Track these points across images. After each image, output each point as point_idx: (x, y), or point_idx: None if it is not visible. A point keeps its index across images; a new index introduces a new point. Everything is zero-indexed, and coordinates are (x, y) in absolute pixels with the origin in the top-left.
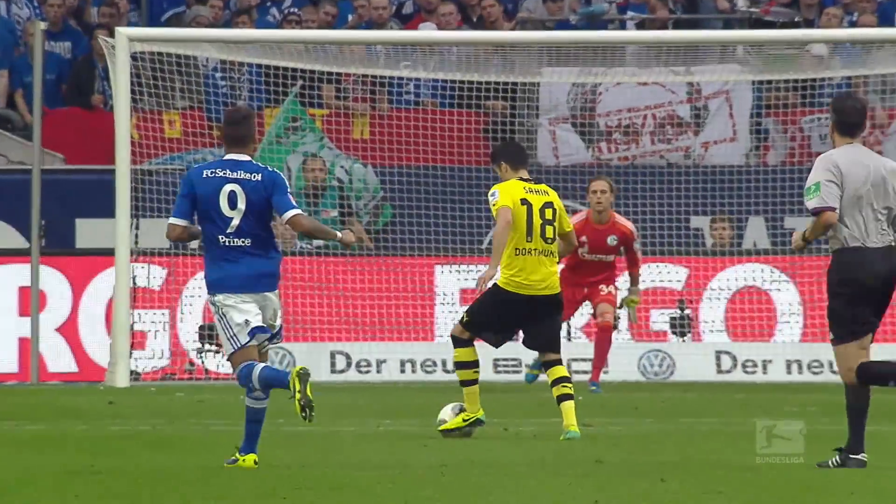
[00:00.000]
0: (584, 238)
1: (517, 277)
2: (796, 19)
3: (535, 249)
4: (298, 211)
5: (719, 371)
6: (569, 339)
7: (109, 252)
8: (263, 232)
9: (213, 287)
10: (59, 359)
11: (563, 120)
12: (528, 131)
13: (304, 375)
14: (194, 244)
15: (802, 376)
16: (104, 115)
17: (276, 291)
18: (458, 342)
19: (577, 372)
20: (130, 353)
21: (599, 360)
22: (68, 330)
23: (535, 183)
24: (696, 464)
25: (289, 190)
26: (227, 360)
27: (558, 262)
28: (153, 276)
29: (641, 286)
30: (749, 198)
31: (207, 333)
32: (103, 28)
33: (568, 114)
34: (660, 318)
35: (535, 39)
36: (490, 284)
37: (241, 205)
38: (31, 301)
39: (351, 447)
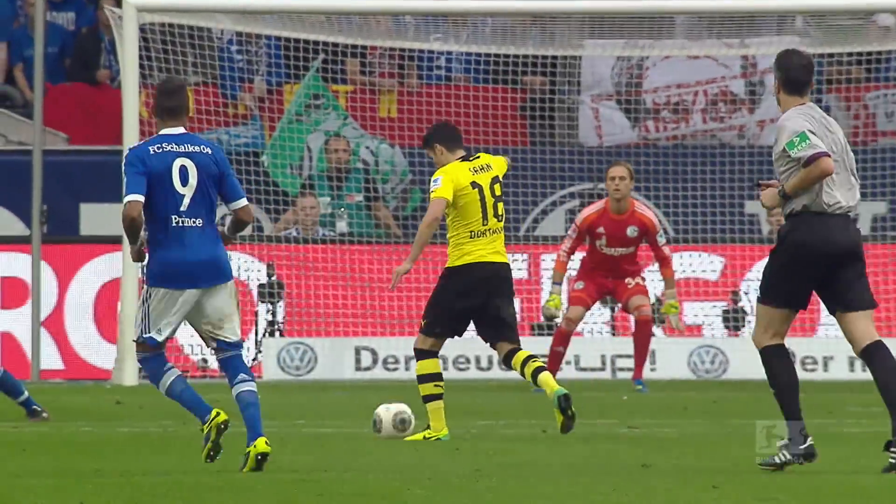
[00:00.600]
0: (601, 229)
1: (469, 256)
2: None
3: (489, 230)
4: (247, 201)
5: None
6: (613, 334)
7: (116, 239)
8: (212, 212)
9: (156, 280)
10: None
11: (606, 97)
12: (569, 109)
13: (221, 430)
14: None
15: (866, 374)
16: (111, 91)
17: (232, 283)
18: (420, 354)
19: (621, 370)
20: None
21: (641, 356)
22: (55, 323)
23: (475, 158)
24: (750, 469)
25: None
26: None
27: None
28: None
29: (686, 274)
30: None
31: None
32: None
33: (612, 90)
34: (711, 312)
35: (577, 9)
36: (399, 279)
37: (193, 180)
38: (31, 292)
39: (377, 451)
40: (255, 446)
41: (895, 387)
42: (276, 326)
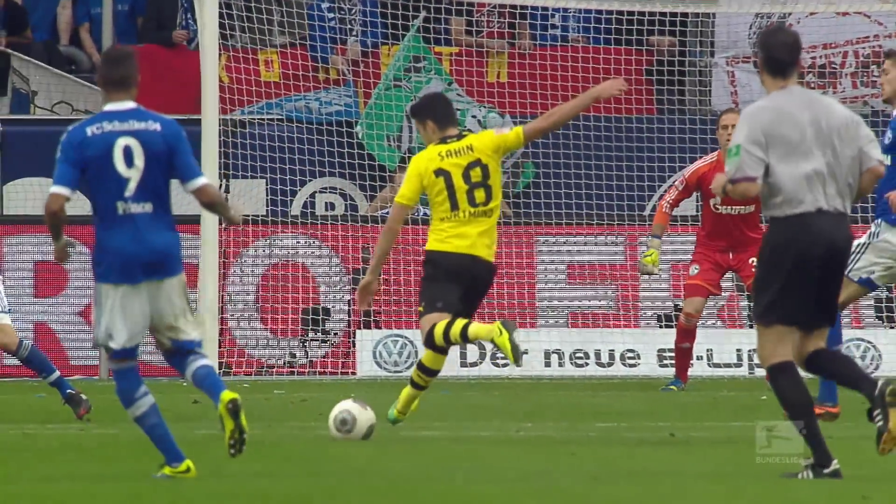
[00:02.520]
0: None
1: (443, 244)
2: None
3: (464, 213)
4: (207, 178)
5: None
6: (751, 325)
7: (193, 219)
8: (165, 195)
9: (104, 276)
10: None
11: (743, 59)
12: (701, 72)
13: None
14: (296, 208)
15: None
16: (188, 54)
17: (181, 276)
18: (433, 346)
19: (759, 365)
20: (220, 343)
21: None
22: None
23: (459, 139)
24: None
25: (189, 147)
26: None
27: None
28: (247, 248)
29: None
30: None
31: (312, 318)
32: None
33: (750, 51)
34: (863, 302)
35: None
36: (368, 295)
37: (140, 161)
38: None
39: (484, 455)
40: (221, 400)
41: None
42: (371, 317)
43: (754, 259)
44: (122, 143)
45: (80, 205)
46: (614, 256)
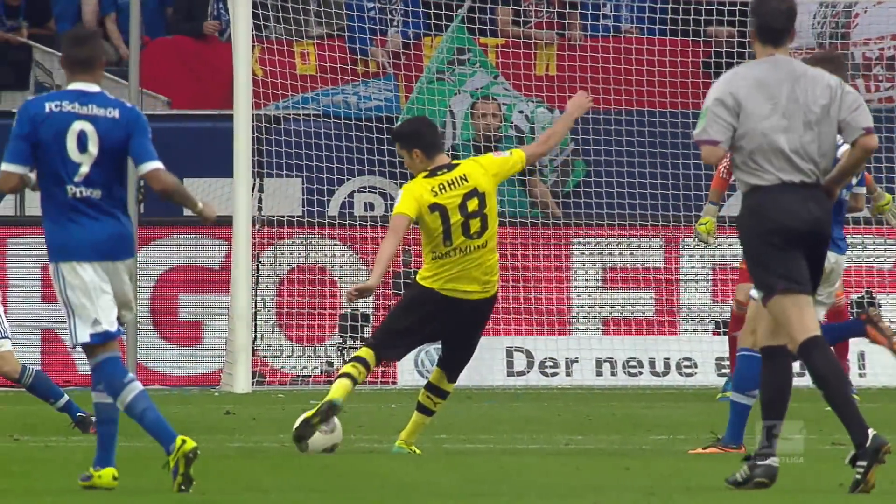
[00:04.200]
0: None
1: (429, 280)
2: None
3: (456, 250)
4: (161, 164)
5: None
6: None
7: (226, 220)
8: (117, 183)
9: (58, 254)
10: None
11: (807, 50)
12: None
13: (191, 459)
14: (333, 209)
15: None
16: (219, 46)
17: (133, 260)
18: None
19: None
20: (253, 351)
21: (843, 346)
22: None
23: (450, 170)
24: None
25: (150, 135)
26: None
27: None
28: (281, 251)
29: None
30: None
31: (350, 324)
32: None
33: (814, 42)
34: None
35: None
36: (363, 298)
37: (93, 147)
38: None
39: (532, 469)
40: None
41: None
42: None
43: None
44: (77, 126)
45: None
46: (680, 259)
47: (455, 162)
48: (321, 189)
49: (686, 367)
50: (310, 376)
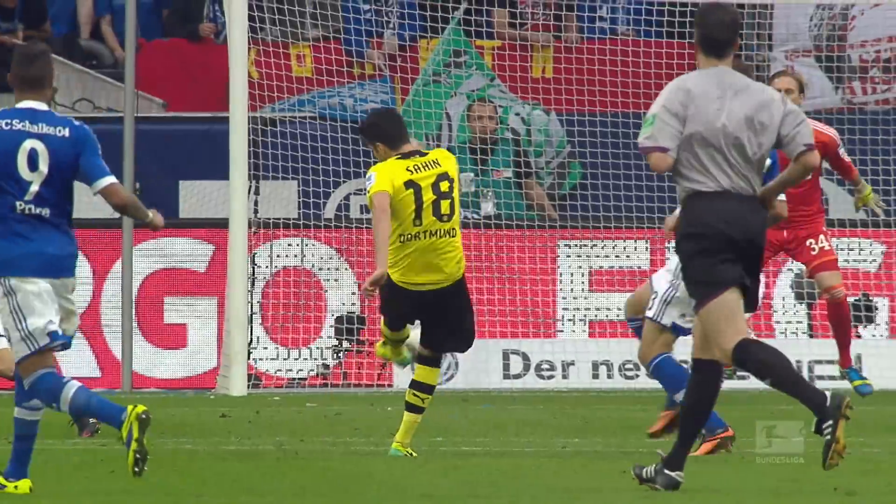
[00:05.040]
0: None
1: (398, 274)
2: None
3: (425, 231)
4: (115, 179)
5: None
6: (810, 336)
7: (220, 223)
8: (65, 201)
9: (5, 268)
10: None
11: (804, 53)
12: (759, 67)
13: (144, 421)
14: (330, 211)
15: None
16: (215, 48)
17: (73, 280)
18: (420, 358)
19: (820, 377)
20: (248, 354)
21: (844, 337)
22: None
23: (422, 155)
24: None
25: (100, 150)
26: (17, 363)
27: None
28: (277, 254)
29: None
30: None
31: (346, 328)
32: None
33: (811, 45)
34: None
35: None
36: (379, 286)
37: (44, 166)
38: (122, 284)
39: (529, 472)
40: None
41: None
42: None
43: (812, 240)
44: (28, 145)
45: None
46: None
47: (423, 150)
48: (317, 191)
49: None
50: (305, 379)
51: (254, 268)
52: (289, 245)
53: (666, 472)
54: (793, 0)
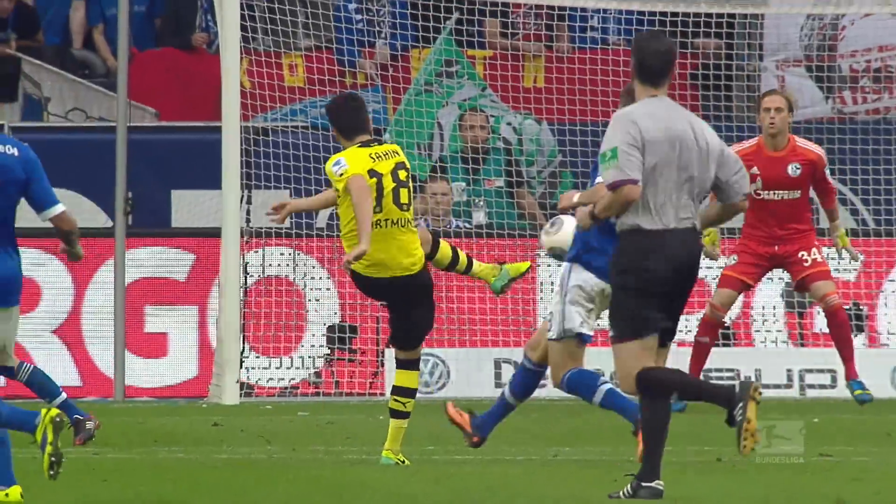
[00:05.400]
0: (755, 170)
1: (363, 263)
2: None
3: (386, 220)
4: (65, 206)
5: None
6: (801, 344)
7: (213, 233)
8: (11, 221)
9: None
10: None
11: (794, 63)
12: (749, 77)
13: (58, 425)
14: (322, 221)
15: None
16: (208, 58)
17: (17, 308)
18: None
19: (811, 386)
20: (241, 362)
21: (848, 349)
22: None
23: (380, 144)
24: None
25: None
26: None
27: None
28: (270, 262)
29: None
30: None
31: (338, 336)
32: None
33: (801, 54)
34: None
35: None
36: (358, 261)
37: None
38: (115, 293)
39: (520, 480)
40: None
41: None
42: None
43: (804, 252)
44: None
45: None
46: None
47: (378, 140)
48: None
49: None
50: (298, 388)
51: (246, 277)
52: (280, 254)
53: (644, 485)
54: (783, 10)
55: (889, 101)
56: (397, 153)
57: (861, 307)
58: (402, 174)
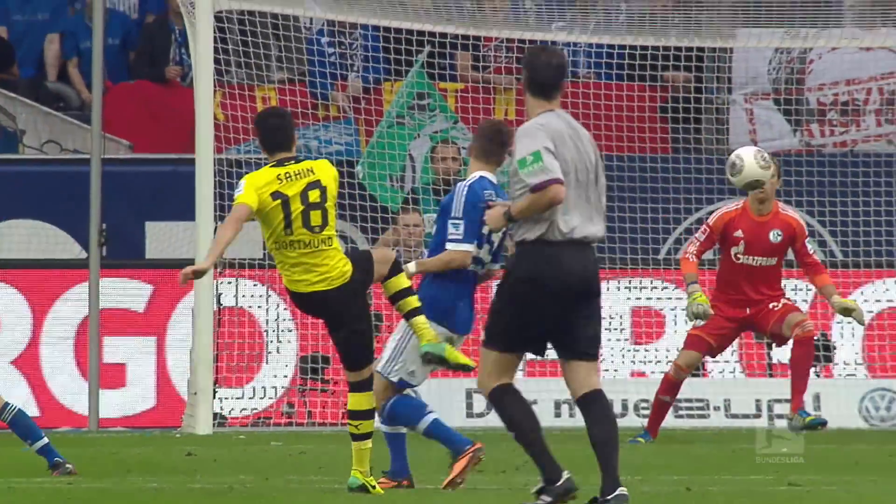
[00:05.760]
0: (738, 233)
1: (288, 281)
2: None
3: (297, 241)
4: None
5: None
6: (770, 375)
7: (187, 263)
8: None
9: None
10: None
11: (762, 96)
12: (718, 110)
13: None
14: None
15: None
16: (181, 90)
17: None
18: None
19: (780, 416)
20: (214, 392)
21: (802, 381)
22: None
23: (297, 162)
24: None
25: None
26: None
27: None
28: (243, 293)
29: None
30: None
31: (311, 367)
32: None
33: (769, 88)
34: (887, 347)
35: None
36: (196, 279)
37: None
38: (89, 325)
39: None
40: None
41: (611, 444)
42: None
43: (775, 304)
44: None
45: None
46: (629, 301)
47: (300, 157)
48: None
49: (644, 408)
50: (271, 418)
51: (220, 308)
52: (254, 285)
53: (609, 498)
54: (752, 44)
55: (856, 133)
56: (312, 171)
57: (829, 338)
58: (314, 195)
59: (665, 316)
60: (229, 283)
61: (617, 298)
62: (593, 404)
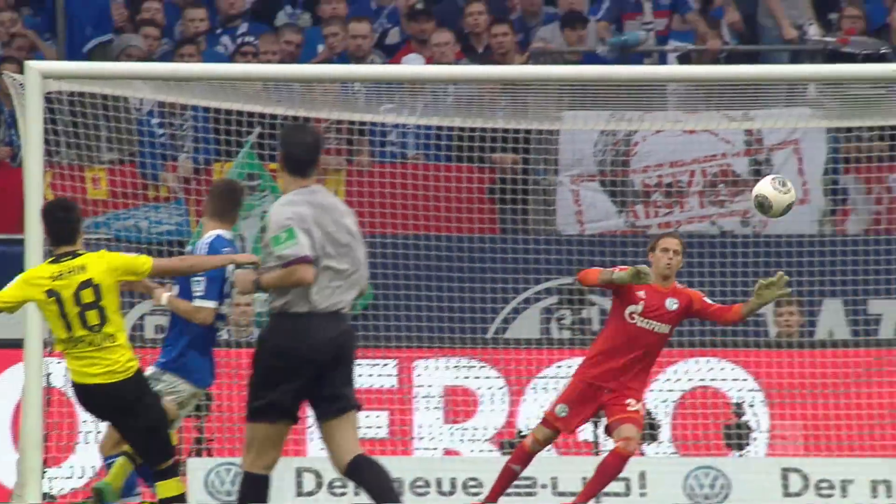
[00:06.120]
0: (641, 293)
1: (73, 374)
2: (883, 50)
3: (80, 340)
4: None
5: (787, 494)
6: (596, 453)
7: (18, 343)
8: None
9: None
10: None
11: (588, 177)
12: (545, 191)
13: None
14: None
15: (892, 500)
16: (11, 171)
17: None
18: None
19: (607, 495)
20: (43, 472)
21: (600, 486)
22: None
23: (74, 258)
24: None
25: None
26: None
27: None
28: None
29: (690, 384)
30: (824, 275)
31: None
32: (10, 61)
33: (595, 169)
34: (711, 427)
35: (554, 76)
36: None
37: None
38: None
39: None
40: None
41: (392, 492)
42: (202, 444)
43: (632, 400)
44: None
45: None
46: (454, 381)
47: (80, 252)
48: None
49: (473, 486)
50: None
51: (49, 385)
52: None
53: None
54: (577, 126)
55: (680, 214)
56: (84, 269)
57: (655, 417)
58: (87, 295)
59: (481, 396)
60: (58, 362)
61: (439, 378)
62: (368, 466)
